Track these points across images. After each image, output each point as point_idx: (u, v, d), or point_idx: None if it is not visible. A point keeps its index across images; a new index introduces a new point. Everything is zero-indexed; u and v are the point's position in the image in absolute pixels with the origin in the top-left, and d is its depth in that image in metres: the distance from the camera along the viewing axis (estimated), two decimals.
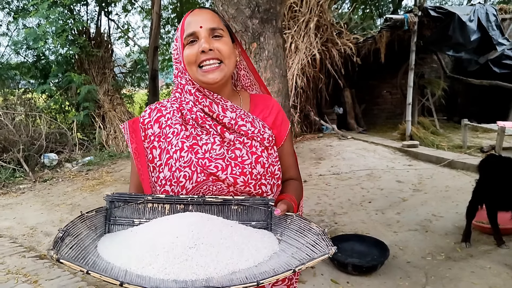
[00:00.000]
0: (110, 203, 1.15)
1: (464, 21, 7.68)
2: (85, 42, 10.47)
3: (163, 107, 1.28)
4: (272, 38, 2.92)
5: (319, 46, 9.11)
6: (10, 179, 7.17)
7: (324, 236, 0.97)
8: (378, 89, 11.85)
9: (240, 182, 1.15)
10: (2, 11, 11.77)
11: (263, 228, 1.13)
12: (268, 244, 1.04)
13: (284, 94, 3.03)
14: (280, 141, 1.29)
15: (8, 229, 4.83)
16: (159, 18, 10.65)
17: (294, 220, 1.10)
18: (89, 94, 10.08)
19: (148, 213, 1.13)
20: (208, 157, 1.15)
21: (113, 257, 0.96)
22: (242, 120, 1.21)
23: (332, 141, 8.69)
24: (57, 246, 0.88)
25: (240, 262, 0.94)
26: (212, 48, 1.15)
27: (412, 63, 8.33)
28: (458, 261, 3.36)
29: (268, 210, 1.15)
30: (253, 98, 1.35)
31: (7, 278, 3.44)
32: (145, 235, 1.02)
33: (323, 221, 4.45)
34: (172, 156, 1.16)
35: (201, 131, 1.20)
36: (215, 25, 1.18)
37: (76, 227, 1.02)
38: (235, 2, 2.87)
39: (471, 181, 4.10)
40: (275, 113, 1.31)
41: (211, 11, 1.24)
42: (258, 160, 1.18)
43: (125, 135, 1.27)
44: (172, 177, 1.15)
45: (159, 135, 1.22)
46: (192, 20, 1.18)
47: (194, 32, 1.16)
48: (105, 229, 1.12)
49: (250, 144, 1.20)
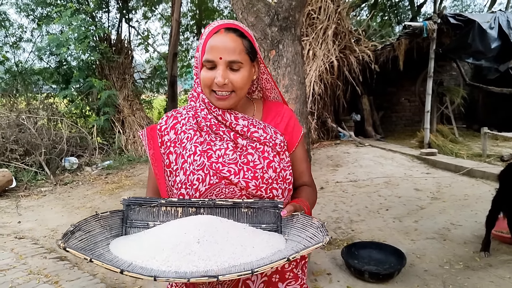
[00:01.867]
0: (127, 207, 1.20)
1: (485, 28, 7.59)
2: (106, 48, 10.66)
3: (179, 114, 1.33)
4: (290, 46, 2.95)
5: (337, 53, 9.11)
6: (32, 181, 7.34)
7: (322, 228, 0.99)
8: (396, 96, 11.78)
9: (252, 186, 1.19)
10: (27, 18, 12.07)
11: (273, 231, 1.15)
12: (275, 243, 1.06)
13: (302, 101, 3.06)
14: (292, 146, 1.32)
15: (30, 230, 4.94)
16: (179, 25, 10.79)
17: (299, 218, 1.12)
18: (109, 99, 10.25)
19: (162, 216, 1.18)
20: (222, 162, 1.20)
21: (121, 252, 1.02)
22: (254, 127, 1.24)
23: (349, 148, 8.67)
24: (66, 237, 0.96)
25: (242, 257, 0.97)
26: (226, 83, 1.18)
27: (431, 71, 8.27)
28: (477, 270, 3.33)
29: (278, 213, 1.16)
30: (266, 106, 1.38)
31: (29, 278, 3.52)
32: (154, 234, 1.08)
33: (340, 228, 4.45)
34: (186, 160, 1.21)
35: (215, 137, 1.24)
36: (234, 58, 1.18)
37: (89, 224, 1.08)
38: (254, 10, 2.92)
39: (491, 190, 4.06)
40: (286, 120, 1.34)
41: (236, 35, 1.20)
42: (270, 164, 1.22)
43: (143, 142, 1.33)
44: (187, 180, 1.19)
45: (175, 140, 1.27)
46: (214, 46, 1.17)
47: (213, 61, 1.18)
48: (122, 231, 1.18)
49: (262, 149, 1.23)
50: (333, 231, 4.35)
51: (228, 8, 15.71)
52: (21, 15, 12.07)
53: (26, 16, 11.93)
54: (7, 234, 4.77)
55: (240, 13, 2.98)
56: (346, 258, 3.43)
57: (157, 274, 0.88)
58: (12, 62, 11.56)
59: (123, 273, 0.86)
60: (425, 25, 8.04)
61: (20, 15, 12.30)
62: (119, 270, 0.86)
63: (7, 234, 4.79)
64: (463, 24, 7.84)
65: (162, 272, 0.91)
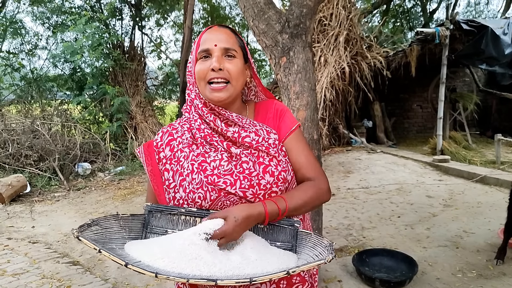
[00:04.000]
0: (149, 212, 1.23)
1: (498, 34, 7.53)
2: (119, 55, 10.81)
3: (174, 129, 1.33)
4: (301, 53, 2.97)
5: (349, 60, 9.10)
6: (46, 187, 7.44)
7: (329, 247, 1.00)
8: (408, 103, 11.73)
9: (249, 195, 1.17)
10: (42, 26, 12.30)
11: (288, 250, 1.15)
12: (285, 261, 1.05)
13: (313, 107, 3.06)
14: (281, 137, 1.29)
15: (44, 235, 5.00)
16: (191, 32, 10.88)
17: (312, 238, 1.12)
18: (122, 106, 10.37)
19: (180, 225, 1.20)
20: (217, 174, 1.18)
21: (132, 250, 1.04)
22: (245, 132, 1.23)
23: (361, 155, 8.63)
24: (82, 228, 1.01)
25: (247, 269, 0.98)
26: (222, 68, 1.19)
27: (443, 77, 8.22)
28: (490, 279, 3.28)
29: (294, 231, 1.16)
30: (257, 106, 1.38)
31: (42, 283, 3.56)
32: (169, 237, 1.11)
33: (351, 234, 4.43)
34: (185, 178, 1.21)
35: (209, 148, 1.24)
36: (229, 46, 1.22)
37: (108, 222, 1.13)
38: (265, 17, 2.94)
39: (505, 198, 4.01)
40: (277, 114, 1.33)
41: (229, 30, 1.27)
42: (266, 169, 1.20)
43: (140, 159, 1.33)
44: (187, 198, 1.20)
45: (171, 158, 1.27)
46: (208, 37, 1.23)
47: (208, 49, 1.20)
48: (142, 235, 1.21)
49: (257, 155, 1.22)
50: (344, 238, 4.33)
51: (240, 15, 15.80)
52: (37, 23, 12.36)
53: (42, 24, 12.19)
54: (21, 239, 4.84)
55: (251, 20, 3.01)
56: (357, 265, 3.41)
57: (159, 272, 0.90)
58: (28, 69, 11.78)
59: (127, 266, 0.89)
60: (438, 31, 8.00)
61: (36, 23, 12.59)
62: (124, 263, 0.89)
63: (21, 238, 4.86)
64: (476, 30, 7.78)
65: (165, 271, 0.93)
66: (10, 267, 3.94)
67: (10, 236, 4.97)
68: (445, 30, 7.97)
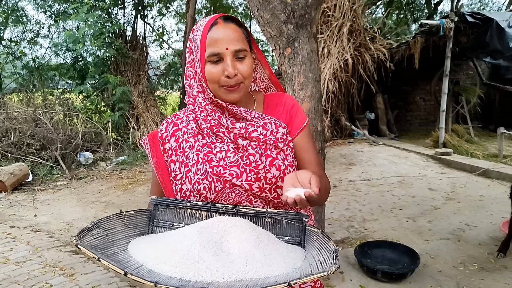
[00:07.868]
0: (155, 206, 1.21)
1: (503, 27, 7.46)
2: (121, 44, 10.76)
3: (179, 119, 1.30)
4: (306, 43, 2.94)
5: (352, 51, 9.05)
6: (48, 176, 7.45)
7: (334, 255, 0.97)
8: (411, 95, 11.68)
9: (255, 188, 1.16)
10: (44, 14, 12.24)
11: (296, 244, 1.12)
12: (291, 260, 1.03)
13: (317, 99, 3.04)
14: (293, 134, 1.27)
15: (46, 224, 5.02)
16: (194, 22, 10.82)
17: (319, 238, 1.09)
18: (124, 95, 10.35)
19: (187, 219, 1.18)
20: (223, 165, 1.17)
21: (136, 252, 1.02)
22: (253, 126, 1.20)
23: (363, 147, 8.62)
24: (81, 234, 0.98)
25: (251, 272, 0.95)
26: (236, 74, 1.15)
27: (447, 70, 8.18)
28: (492, 272, 3.29)
29: (302, 226, 1.13)
30: (267, 98, 1.35)
31: (45, 271, 3.58)
32: (173, 236, 1.09)
33: (353, 226, 4.43)
34: (190, 169, 1.19)
35: (215, 139, 1.21)
36: (240, 46, 1.16)
37: (111, 222, 1.09)
38: (270, 7, 2.91)
39: (507, 191, 4.00)
40: (288, 108, 1.30)
41: (235, 24, 1.19)
42: (273, 163, 1.18)
43: (146, 150, 1.31)
44: (193, 189, 1.18)
45: (176, 148, 1.25)
46: (217, 37, 1.15)
47: (219, 53, 1.15)
48: (148, 229, 1.19)
49: (264, 147, 1.19)
50: (346, 230, 4.34)
51: (243, 5, 15.70)
52: (39, 12, 12.25)
53: (44, 13, 12.14)
54: (24, 227, 4.86)
55: (256, 10, 2.98)
56: (359, 257, 3.41)
57: (159, 280, 0.88)
58: (29, 58, 11.76)
59: (126, 275, 0.87)
60: (442, 23, 7.95)
61: (38, 12, 12.47)
62: (123, 272, 0.87)
63: (24, 227, 4.88)
64: (480, 22, 7.72)
65: (167, 278, 0.91)
66: (13, 255, 3.96)
67: (12, 224, 4.99)
68: (450, 22, 7.91)
